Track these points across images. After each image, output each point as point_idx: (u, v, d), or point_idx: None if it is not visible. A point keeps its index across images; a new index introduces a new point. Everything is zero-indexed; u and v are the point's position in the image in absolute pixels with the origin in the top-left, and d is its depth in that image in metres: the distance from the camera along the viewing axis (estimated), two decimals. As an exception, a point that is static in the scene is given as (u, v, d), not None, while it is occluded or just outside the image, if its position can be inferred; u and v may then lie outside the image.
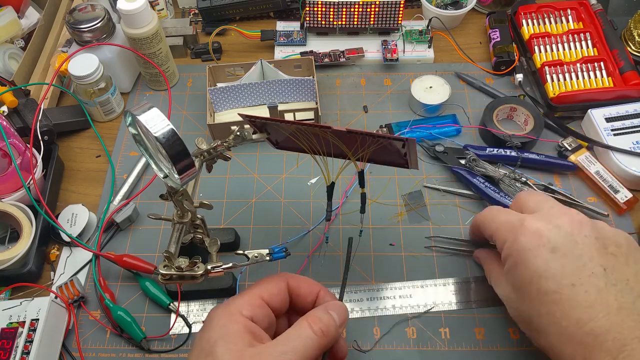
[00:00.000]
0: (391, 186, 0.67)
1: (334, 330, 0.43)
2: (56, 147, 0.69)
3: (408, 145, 0.43)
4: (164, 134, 0.39)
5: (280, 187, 0.68)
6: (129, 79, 0.78)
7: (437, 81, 0.73)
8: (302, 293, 0.47)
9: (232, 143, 0.49)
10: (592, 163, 0.66)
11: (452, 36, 0.82)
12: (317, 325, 0.42)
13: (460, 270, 0.60)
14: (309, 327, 0.41)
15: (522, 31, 0.77)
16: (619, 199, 0.63)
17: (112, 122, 0.76)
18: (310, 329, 0.41)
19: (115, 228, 0.65)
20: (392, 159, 0.48)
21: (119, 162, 0.71)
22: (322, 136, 0.45)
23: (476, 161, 0.66)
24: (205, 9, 0.84)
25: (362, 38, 0.82)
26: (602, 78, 0.70)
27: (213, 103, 0.73)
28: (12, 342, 0.51)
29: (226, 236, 0.61)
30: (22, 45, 0.80)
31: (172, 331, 0.57)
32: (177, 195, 0.47)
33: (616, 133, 0.66)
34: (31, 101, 0.69)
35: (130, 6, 0.66)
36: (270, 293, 0.45)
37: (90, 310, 0.59)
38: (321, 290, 0.47)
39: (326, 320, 0.42)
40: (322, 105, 0.75)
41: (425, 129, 0.71)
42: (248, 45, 0.85)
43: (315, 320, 0.42)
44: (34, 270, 0.60)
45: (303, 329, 0.41)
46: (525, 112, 0.70)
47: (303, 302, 0.47)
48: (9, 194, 0.62)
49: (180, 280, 0.47)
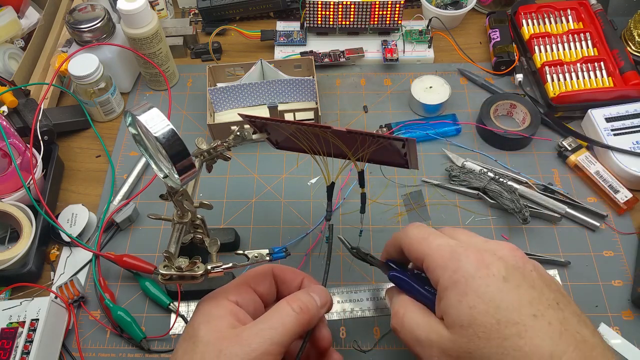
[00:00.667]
0: (391, 186, 0.67)
1: (313, 308, 0.43)
2: (56, 147, 0.69)
3: (408, 145, 0.43)
4: (164, 134, 0.38)
5: (280, 187, 0.68)
6: (129, 79, 0.78)
7: (437, 81, 0.73)
8: (286, 280, 0.48)
9: (232, 143, 0.49)
10: (592, 163, 0.66)
11: (452, 36, 0.82)
12: (296, 303, 0.42)
13: (460, 270, 0.60)
14: (287, 305, 0.42)
15: (522, 31, 0.77)
16: (619, 199, 0.63)
17: (112, 122, 0.76)
18: (289, 306, 0.42)
19: (115, 228, 0.65)
20: (392, 159, 0.48)
21: (119, 162, 0.71)
22: (322, 136, 0.45)
23: (460, 171, 0.66)
24: (205, 9, 0.84)
25: (362, 38, 0.82)
26: (602, 78, 0.70)
27: (213, 103, 0.73)
28: (12, 342, 0.51)
29: (226, 236, 0.61)
30: (22, 45, 0.80)
31: (172, 331, 0.57)
32: (177, 196, 0.47)
33: (616, 133, 0.66)
34: (31, 101, 0.69)
35: (130, 6, 0.66)
36: (256, 279, 0.46)
37: (90, 310, 0.59)
38: (305, 278, 0.48)
39: (305, 299, 0.43)
40: (322, 105, 0.75)
41: (423, 129, 0.71)
42: (248, 45, 0.84)
43: (294, 299, 0.43)
44: (34, 270, 0.60)
45: (282, 306, 0.42)
46: (524, 110, 0.70)
47: (288, 289, 0.48)
48: (9, 194, 0.62)
49: (180, 281, 0.47)
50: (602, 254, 0.61)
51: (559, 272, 0.60)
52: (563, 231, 0.63)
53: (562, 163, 0.68)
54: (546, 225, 0.63)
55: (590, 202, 0.64)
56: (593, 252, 0.61)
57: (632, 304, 0.57)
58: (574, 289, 0.59)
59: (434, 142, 0.71)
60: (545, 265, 0.60)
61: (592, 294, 0.58)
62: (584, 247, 0.62)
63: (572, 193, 0.65)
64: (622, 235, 0.62)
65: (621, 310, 0.57)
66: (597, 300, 0.58)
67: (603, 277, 0.59)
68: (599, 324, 0.56)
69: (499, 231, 0.63)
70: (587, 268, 0.60)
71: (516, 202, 0.61)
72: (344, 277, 0.60)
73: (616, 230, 0.62)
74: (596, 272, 0.60)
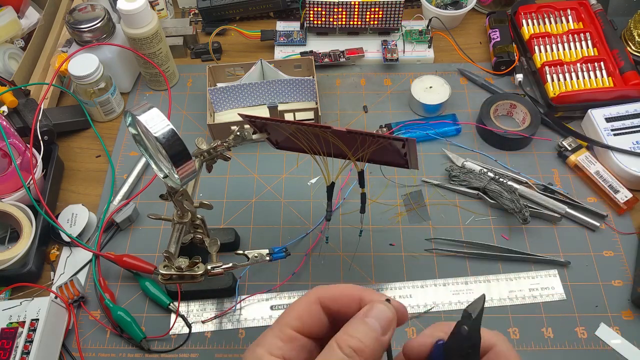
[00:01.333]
0: (391, 186, 0.67)
1: (371, 344, 0.33)
2: (56, 147, 0.69)
3: (408, 145, 0.43)
4: (164, 134, 0.39)
5: (280, 187, 0.68)
6: (129, 79, 0.78)
7: (437, 81, 0.73)
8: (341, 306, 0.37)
9: (232, 143, 0.49)
10: (592, 163, 0.66)
11: (452, 36, 0.82)
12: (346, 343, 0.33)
13: (460, 270, 0.60)
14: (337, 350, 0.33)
15: (522, 31, 0.77)
16: (619, 199, 0.63)
17: (112, 122, 0.76)
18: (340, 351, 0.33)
19: (115, 228, 0.65)
20: (392, 159, 0.48)
21: (119, 162, 0.71)
22: (322, 136, 0.45)
23: (460, 171, 0.66)
24: (205, 9, 0.84)
25: (362, 38, 0.82)
26: (602, 78, 0.70)
27: (213, 103, 0.73)
28: (12, 342, 0.51)
29: (226, 236, 0.61)
30: (22, 45, 0.80)
31: (172, 331, 0.57)
32: (177, 196, 0.47)
33: (616, 133, 0.66)
34: (31, 101, 0.69)
35: (130, 6, 0.66)
36: (302, 320, 0.36)
37: (90, 310, 0.59)
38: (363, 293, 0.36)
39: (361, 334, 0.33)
40: (322, 105, 0.75)
41: (423, 129, 0.71)
42: (248, 45, 0.84)
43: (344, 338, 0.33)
44: (34, 270, 0.60)
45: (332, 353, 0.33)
46: (524, 110, 0.70)
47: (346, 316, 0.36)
48: (9, 194, 0.62)
49: (180, 281, 0.47)
50: (602, 254, 0.61)
51: (559, 273, 0.60)
52: (563, 231, 0.63)
53: (562, 163, 0.68)
54: (546, 225, 0.63)
55: (590, 202, 0.64)
56: (593, 252, 0.61)
57: (632, 304, 0.57)
58: (574, 289, 0.59)
59: (434, 142, 0.71)
60: (545, 266, 0.60)
61: (592, 294, 0.58)
62: (584, 247, 0.62)
63: (572, 193, 0.65)
64: (622, 235, 0.62)
65: (621, 310, 0.57)
66: (597, 300, 0.58)
67: (603, 277, 0.59)
68: (599, 324, 0.56)
69: (499, 231, 0.63)
70: (587, 268, 0.60)
71: (516, 202, 0.61)
72: (344, 277, 0.60)
73: (616, 230, 0.62)
74: (596, 272, 0.60)
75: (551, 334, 0.56)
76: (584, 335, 0.56)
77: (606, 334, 0.56)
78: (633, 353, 0.54)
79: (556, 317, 0.57)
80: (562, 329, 0.56)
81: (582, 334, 0.56)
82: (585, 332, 0.56)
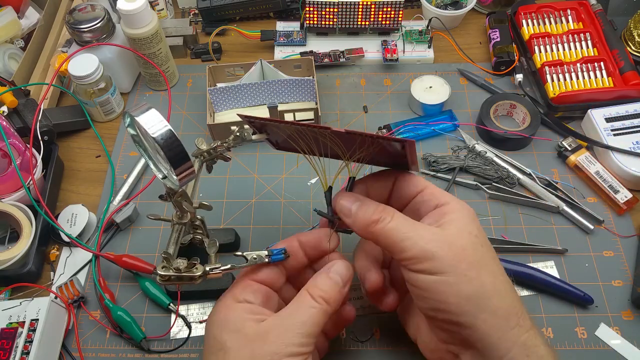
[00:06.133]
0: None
1: (336, 295, 0.43)
2: (56, 147, 0.69)
3: (407, 146, 0.43)
4: (162, 135, 0.39)
5: (280, 187, 0.68)
6: (129, 79, 0.78)
7: (437, 81, 0.73)
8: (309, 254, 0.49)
9: (232, 143, 0.49)
10: (592, 163, 0.65)
11: (452, 36, 0.82)
12: (318, 293, 0.43)
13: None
14: (310, 298, 0.43)
15: (522, 31, 0.77)
16: (619, 199, 0.63)
17: (112, 122, 0.76)
18: (313, 300, 0.43)
19: (115, 228, 0.65)
20: (392, 160, 0.48)
21: (118, 162, 0.71)
22: (322, 140, 0.45)
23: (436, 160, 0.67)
24: (205, 9, 0.84)
25: (362, 38, 0.82)
26: (602, 78, 0.70)
27: (213, 103, 0.73)
28: (11, 342, 0.51)
29: (226, 236, 0.61)
30: (22, 45, 0.80)
31: (172, 331, 0.57)
32: (176, 196, 0.47)
33: (616, 133, 0.66)
34: (31, 101, 0.69)
35: (130, 6, 0.66)
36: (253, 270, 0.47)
37: (90, 310, 0.59)
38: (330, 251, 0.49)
39: (327, 287, 0.44)
40: (322, 106, 0.75)
41: (421, 129, 0.71)
42: (248, 45, 0.84)
43: (315, 289, 0.43)
44: (33, 270, 0.60)
45: (305, 300, 0.43)
46: (524, 110, 0.70)
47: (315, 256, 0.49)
48: (9, 194, 0.62)
49: (179, 282, 0.47)
50: (602, 254, 0.61)
51: (558, 272, 0.60)
52: (563, 231, 0.63)
53: (562, 163, 0.68)
54: (546, 225, 0.63)
55: (590, 202, 0.64)
56: (593, 252, 0.61)
57: (632, 304, 0.57)
58: (573, 289, 0.59)
59: (434, 140, 0.71)
60: (544, 256, 0.60)
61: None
62: (584, 247, 0.61)
63: (572, 193, 0.65)
64: (622, 235, 0.62)
65: (621, 310, 0.57)
66: (597, 300, 0.57)
67: (603, 277, 0.59)
68: (599, 324, 0.56)
69: (499, 231, 0.63)
70: (587, 268, 0.60)
71: (500, 171, 0.63)
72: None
73: (616, 233, 0.62)
74: (596, 272, 0.60)
75: (551, 333, 0.56)
76: (584, 336, 0.56)
77: (606, 334, 0.56)
78: (633, 353, 0.54)
79: (556, 317, 0.57)
80: (562, 329, 0.56)
81: (582, 334, 0.56)
82: (585, 332, 0.56)
